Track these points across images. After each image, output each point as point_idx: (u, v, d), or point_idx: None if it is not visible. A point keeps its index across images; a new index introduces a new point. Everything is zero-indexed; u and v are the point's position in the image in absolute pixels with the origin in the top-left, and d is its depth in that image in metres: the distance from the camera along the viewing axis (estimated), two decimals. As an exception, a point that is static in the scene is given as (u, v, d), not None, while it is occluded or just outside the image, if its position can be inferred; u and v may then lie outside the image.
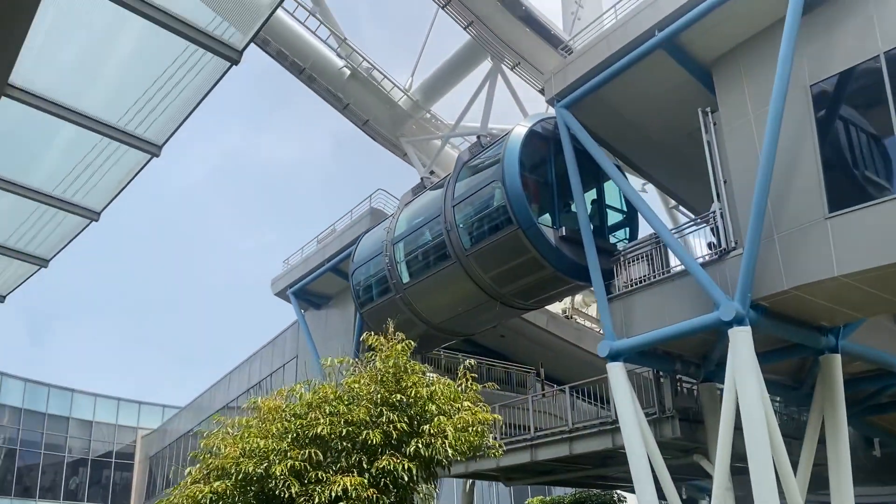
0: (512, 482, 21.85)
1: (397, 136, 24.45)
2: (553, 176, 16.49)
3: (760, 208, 12.02)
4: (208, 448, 9.45)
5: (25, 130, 7.68)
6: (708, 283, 12.67)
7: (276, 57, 22.84)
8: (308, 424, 8.70)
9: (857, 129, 11.93)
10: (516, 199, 15.41)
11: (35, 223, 9.01)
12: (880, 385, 17.11)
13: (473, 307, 18.03)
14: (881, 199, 11.00)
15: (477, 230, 16.60)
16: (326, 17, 23.11)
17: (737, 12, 13.09)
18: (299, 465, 8.27)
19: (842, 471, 13.48)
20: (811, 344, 13.60)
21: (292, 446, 8.57)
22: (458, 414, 9.11)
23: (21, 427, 42.82)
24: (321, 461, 8.52)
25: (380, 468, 8.35)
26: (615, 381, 14.16)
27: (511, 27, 20.59)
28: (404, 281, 18.95)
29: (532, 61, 20.97)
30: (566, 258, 15.66)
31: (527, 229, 15.43)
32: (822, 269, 11.49)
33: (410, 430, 8.81)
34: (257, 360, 32.72)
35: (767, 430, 11.80)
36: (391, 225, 19.84)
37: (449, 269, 17.45)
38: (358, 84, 23.56)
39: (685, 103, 14.60)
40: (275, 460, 8.35)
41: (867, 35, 11.67)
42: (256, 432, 8.95)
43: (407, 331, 19.86)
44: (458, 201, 17.15)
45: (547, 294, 17.72)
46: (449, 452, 8.75)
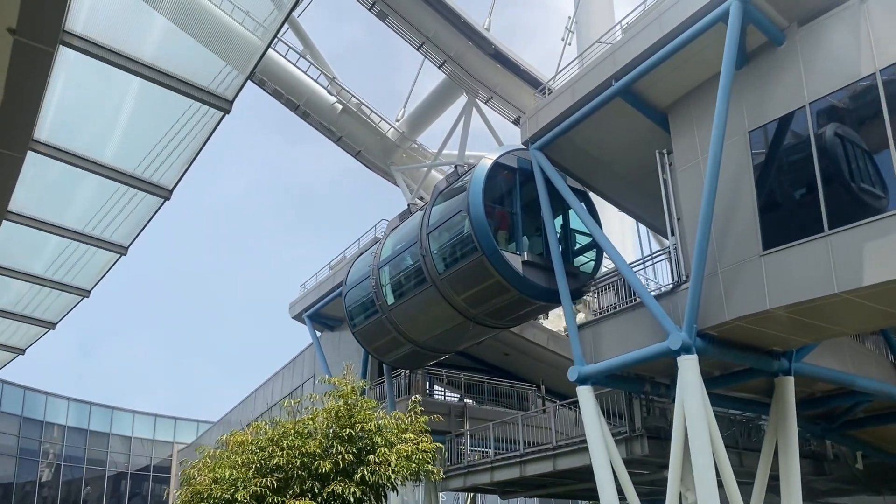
0: (508, 496, 23.04)
1: (388, 164, 26.16)
2: (518, 204, 17.71)
3: (703, 245, 13.15)
4: (188, 476, 11.05)
5: (54, 180, 8.50)
6: (660, 314, 13.83)
7: (272, 94, 24.72)
8: (268, 456, 10.22)
9: (790, 172, 13.01)
10: (480, 227, 16.71)
11: (77, 258, 10.25)
12: (852, 402, 17.93)
13: (451, 327, 19.34)
14: (807, 238, 12.05)
15: (450, 256, 17.91)
16: (316, 58, 24.88)
17: (684, 64, 14.25)
18: (261, 491, 9.77)
19: (791, 486, 14.41)
20: (764, 367, 14.62)
21: (255, 475, 10.09)
22: (398, 445, 10.48)
23: (65, 443, 45.37)
24: (280, 487, 10.00)
25: (329, 492, 9.79)
26: (583, 404, 15.37)
27: (483, 64, 22.22)
28: (389, 303, 20.32)
29: (504, 95, 22.62)
30: (529, 282, 16.92)
31: (490, 255, 16.72)
32: (756, 303, 12.59)
33: (358, 459, 10.24)
34: (279, 378, 34.53)
35: (712, 448, 12.91)
36: (378, 250, 21.33)
37: (426, 292, 18.78)
38: (349, 118, 25.36)
39: (647, 144, 15.79)
40: (240, 487, 9.88)
41: (796, 87, 12.76)
42: (226, 463, 10.49)
43: (395, 349, 21.39)
44: (431, 229, 18.52)
45: (516, 314, 18.87)
46: (392, 478, 10.13)
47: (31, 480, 43.33)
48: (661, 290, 14.68)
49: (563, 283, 16.27)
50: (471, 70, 22.40)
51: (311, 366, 30.12)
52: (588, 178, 17.75)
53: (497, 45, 22.45)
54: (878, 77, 11.55)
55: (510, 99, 22.76)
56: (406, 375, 23.52)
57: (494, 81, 22.58)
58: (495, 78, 22.54)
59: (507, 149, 18.39)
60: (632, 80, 14.77)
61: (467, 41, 21.88)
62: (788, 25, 13.12)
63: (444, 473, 22.31)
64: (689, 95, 14.85)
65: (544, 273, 17.01)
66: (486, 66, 22.34)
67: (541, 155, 16.96)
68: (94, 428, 47.23)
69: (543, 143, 16.93)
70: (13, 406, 42.77)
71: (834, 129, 12.29)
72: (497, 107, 23.42)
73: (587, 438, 15.28)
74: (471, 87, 23.02)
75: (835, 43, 12.35)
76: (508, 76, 22.56)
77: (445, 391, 25.89)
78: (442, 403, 23.88)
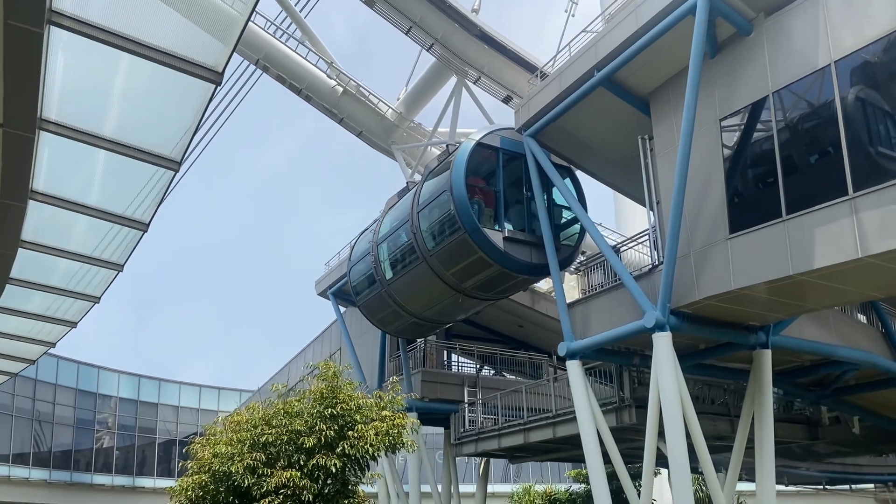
0: (516, 460, 24.37)
1: (389, 143, 27.26)
2: (500, 182, 18.64)
3: (675, 229, 13.94)
4: (194, 451, 12.58)
5: (68, 159, 8.77)
6: (637, 294, 14.74)
7: (276, 79, 26.00)
8: (260, 433, 11.61)
9: (755, 159, 13.66)
10: (462, 206, 17.72)
11: (103, 235, 10.76)
12: (840, 370, 18.59)
13: (443, 300, 20.49)
14: (766, 223, 12.78)
15: (438, 233, 18.92)
16: (315, 44, 25.95)
17: (661, 53, 14.86)
18: (253, 464, 11.18)
19: (765, 452, 15.29)
20: (741, 342, 15.42)
21: (249, 450, 11.50)
22: (373, 422, 11.79)
23: (118, 413, 48.40)
24: (270, 460, 11.41)
25: (314, 464, 11.15)
26: (572, 377, 16.44)
27: (469, 45, 23.07)
28: (388, 277, 21.50)
29: (492, 74, 23.51)
30: (511, 257, 17.96)
31: (471, 233, 17.76)
32: (723, 283, 13.40)
33: (339, 435, 11.56)
34: (310, 350, 36.33)
35: (683, 418, 13.90)
36: (377, 227, 22.53)
37: (419, 268, 19.89)
38: (349, 100, 26.48)
39: (633, 129, 16.51)
40: (236, 460, 11.31)
41: (762, 76, 13.35)
42: (224, 440, 11.94)
43: (396, 321, 22.66)
44: (421, 207, 19.56)
45: (502, 287, 19.83)
46: (370, 451, 11.45)
47: (88, 448, 46.47)
48: (642, 270, 15.55)
49: (554, 262, 17.23)
50: (458, 52, 23.25)
51: (338, 340, 31.70)
52: (579, 160, 18.57)
53: (482, 26, 23.21)
54: (832, 68, 12.10)
55: (498, 78, 23.67)
56: (421, 349, 24.82)
57: (482, 62, 23.41)
58: (483, 58, 23.35)
59: (490, 129, 19.29)
60: (612, 69, 15.45)
61: (453, 23, 22.67)
62: (756, 16, 13.65)
63: (458, 440, 23.75)
64: (668, 83, 15.48)
65: (526, 248, 18.09)
66: (473, 47, 23.17)
67: (532, 141, 17.80)
68: (144, 398, 50.14)
69: (535, 130, 17.74)
70: (69, 379, 45.73)
71: (795, 119, 12.91)
72: (486, 86, 24.31)
73: (575, 409, 16.37)
74: (459, 69, 23.95)
75: (796, 34, 12.87)
76: (495, 56, 23.38)
77: (459, 362, 27.11)
78: (455, 375, 25.15)
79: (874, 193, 11.09)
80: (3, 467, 40.70)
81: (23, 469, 41.85)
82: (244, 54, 25.45)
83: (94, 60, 7.28)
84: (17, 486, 41.37)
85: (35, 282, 12.45)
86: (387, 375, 26.15)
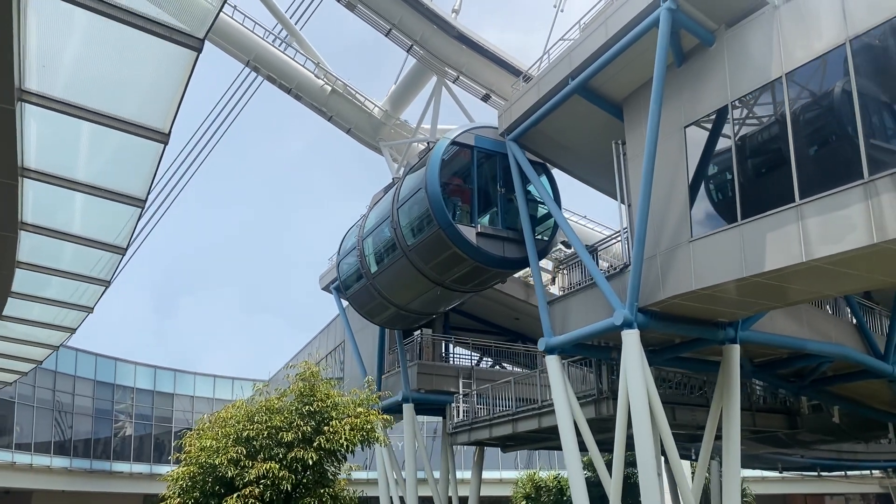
0: (508, 449, 25.28)
1: (377, 140, 28.19)
2: (474, 179, 19.39)
3: (641, 232, 14.66)
4: (183, 444, 13.63)
5: (55, 133, 8.45)
6: (608, 292, 15.50)
7: (267, 79, 27.05)
8: (241, 429, 12.60)
9: (714, 166, 14.33)
10: (435, 202, 18.47)
11: (100, 214, 10.20)
12: (815, 362, 19.26)
13: (425, 292, 21.29)
14: (723, 227, 13.48)
15: (416, 229, 19.67)
16: (303, 45, 26.94)
17: (632, 62, 15.48)
18: (236, 456, 12.18)
19: (731, 443, 16.02)
20: (709, 337, 16.12)
21: (232, 444, 12.50)
22: (347, 418, 12.74)
23: (134, 403, 49.99)
24: (252, 453, 12.40)
25: (293, 457, 12.13)
26: (551, 371, 17.26)
27: (448, 46, 23.92)
28: (372, 271, 22.32)
29: (470, 74, 24.40)
30: (483, 252, 18.74)
31: (445, 228, 18.52)
32: (685, 283, 14.12)
33: (317, 430, 12.52)
34: (316, 342, 37.47)
35: (650, 411, 14.69)
36: (363, 222, 23.35)
37: (400, 262, 20.66)
38: (337, 98, 27.42)
39: (607, 133, 17.20)
40: (220, 453, 12.31)
41: (722, 86, 13.99)
42: (210, 434, 12.95)
43: (382, 312, 23.60)
44: (401, 203, 20.34)
45: (477, 280, 20.61)
46: (344, 445, 12.40)
47: (107, 437, 48.09)
48: (615, 269, 16.29)
49: (535, 262, 18.03)
50: (437, 52, 24.04)
51: (342, 333, 32.73)
52: (559, 160, 19.35)
53: (459, 27, 24.03)
54: (783, 81, 12.73)
55: (476, 77, 24.54)
56: (418, 342, 25.74)
57: (461, 62, 24.21)
58: (461, 58, 24.16)
59: (465, 128, 20.06)
60: (586, 77, 16.13)
61: (432, 25, 23.47)
62: (717, 27, 14.27)
63: (453, 429, 24.70)
64: (639, 90, 16.11)
65: (498, 242, 18.91)
66: (452, 47, 23.98)
67: (514, 145, 18.55)
68: (161, 389, 51.68)
69: (517, 134, 18.50)
70: (87, 371, 47.30)
71: (751, 129, 13.56)
72: (465, 84, 25.15)
73: (554, 402, 17.21)
74: (438, 69, 24.79)
75: (752, 45, 13.49)
76: (473, 56, 24.21)
77: (458, 354, 28.00)
78: (451, 367, 26.06)
79: (818, 201, 11.75)
80: (26, 456, 42.35)
81: (45, 457, 43.50)
82: (235, 55, 26.45)
83: (66, 25, 7.02)
84: (39, 474, 43.06)
85: (45, 266, 12.11)
86: (386, 368, 27.15)
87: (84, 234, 10.96)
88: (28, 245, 10.93)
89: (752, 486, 48.03)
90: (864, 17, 11.57)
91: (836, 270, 12.06)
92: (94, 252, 11.47)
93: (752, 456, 30.14)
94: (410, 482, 24.66)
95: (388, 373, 26.71)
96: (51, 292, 14.08)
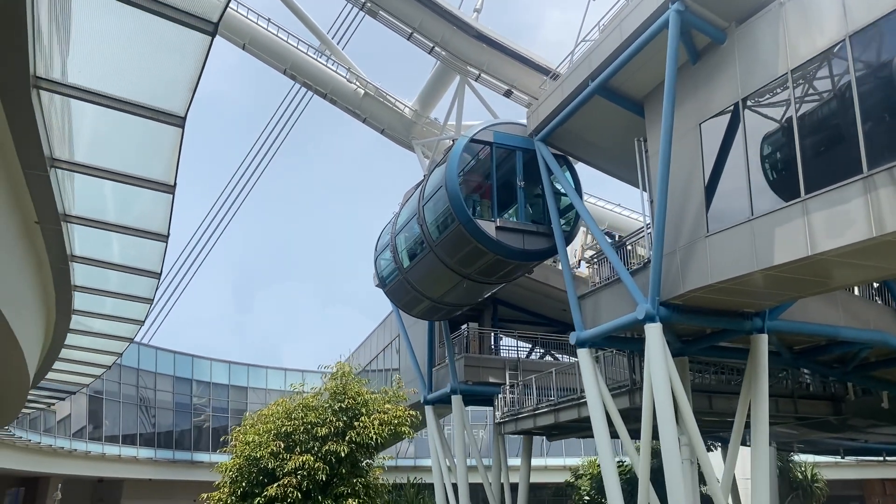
0: (553, 438, 25.93)
1: (410, 139, 29.18)
2: (493, 175, 20.04)
3: (660, 227, 15.11)
4: (231, 439, 15.00)
5: (78, 121, 8.46)
6: (631, 287, 16.00)
7: (303, 86, 28.53)
8: (280, 426, 13.84)
9: (728, 162, 14.60)
10: (454, 199, 19.26)
11: (134, 201, 10.08)
12: (855, 348, 19.14)
13: (453, 285, 22.06)
14: (736, 222, 13.80)
15: (441, 225, 20.45)
16: (334, 52, 28.23)
17: (649, 61, 15.86)
18: (276, 450, 13.41)
19: (759, 433, 16.23)
20: (736, 328, 16.40)
21: (272, 439, 13.75)
22: (376, 414, 13.79)
23: (211, 397, 52.93)
24: (290, 447, 13.61)
25: (326, 449, 13.27)
26: (582, 364, 17.88)
27: (468, 45, 24.66)
28: (405, 265, 23.21)
29: (491, 71, 25.07)
30: (503, 245, 19.40)
31: (465, 224, 19.28)
32: (702, 277, 14.51)
33: (348, 425, 13.63)
34: (375, 336, 38.91)
35: (673, 402, 15.16)
36: (394, 219, 24.25)
37: (429, 256, 21.48)
38: (370, 101, 28.70)
39: (631, 130, 17.62)
40: (262, 447, 13.59)
41: (733, 83, 14.26)
42: (253, 430, 14.25)
43: (417, 305, 24.59)
44: (426, 200, 21.18)
45: (501, 272, 21.27)
46: (374, 439, 13.47)
47: (187, 429, 51.16)
48: (640, 264, 16.76)
49: (566, 260, 18.64)
50: (458, 53, 24.73)
51: (397, 327, 34.01)
52: (587, 157, 19.92)
53: (478, 27, 24.70)
54: (789, 77, 12.96)
55: (497, 74, 25.15)
56: (465, 336, 26.67)
57: (481, 60, 24.84)
58: (482, 57, 24.78)
59: (484, 125, 20.81)
60: (605, 78, 16.62)
61: (451, 26, 24.18)
62: (728, 25, 14.52)
63: (501, 419, 25.56)
64: (658, 88, 16.34)
65: (518, 235, 19.59)
66: (472, 47, 24.66)
67: (542, 145, 19.18)
68: (235, 383, 54.50)
69: (545, 135, 19.12)
70: (167, 368, 50.43)
71: (761, 126, 13.80)
72: (487, 82, 25.78)
73: (586, 394, 17.83)
74: (461, 68, 25.54)
75: (760, 42, 13.72)
76: (494, 54, 24.81)
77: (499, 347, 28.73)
78: (498, 359, 26.88)
79: (821, 196, 12.01)
80: (115, 447, 45.64)
81: (132, 448, 46.77)
82: (273, 65, 28.09)
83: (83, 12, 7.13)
84: (127, 464, 46.36)
85: (97, 258, 11.89)
86: (437, 361, 28.19)
87: (123, 223, 10.72)
88: (77, 238, 10.76)
89: (824, 472, 47.09)
90: (863, 13, 11.73)
91: (843, 262, 12.29)
92: (138, 241, 11.17)
93: (810, 441, 29.81)
94: (461, 469, 25.69)
95: (438, 365, 27.75)
96: (111, 285, 13.93)
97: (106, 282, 13.73)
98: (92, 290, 13.74)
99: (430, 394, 26.95)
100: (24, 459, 38.93)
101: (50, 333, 15.72)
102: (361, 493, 13.58)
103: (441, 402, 26.52)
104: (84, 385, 21.96)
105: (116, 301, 15.17)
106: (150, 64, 7.97)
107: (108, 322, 16.85)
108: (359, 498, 13.48)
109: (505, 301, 29.28)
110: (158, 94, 7.94)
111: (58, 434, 42.02)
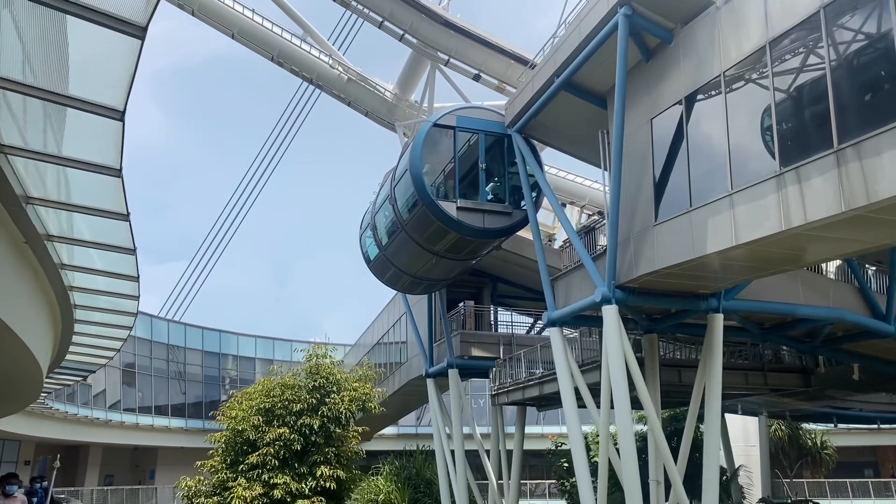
0: (543, 408, 27.33)
1: (393, 121, 30.53)
2: (455, 157, 21.40)
3: (614, 216, 16.22)
4: (219, 413, 16.80)
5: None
6: (592, 271, 17.21)
7: (290, 72, 30.20)
8: (260, 403, 15.52)
9: (672, 157, 15.62)
10: (418, 181, 20.62)
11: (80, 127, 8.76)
12: (819, 324, 20.10)
13: (426, 261, 23.49)
14: (678, 213, 14.89)
15: (409, 205, 21.82)
16: (316, 39, 29.74)
17: (608, 59, 16.85)
18: (256, 423, 15.10)
19: (712, 410, 17.43)
20: (693, 308, 17.52)
21: (253, 413, 15.44)
22: (345, 391, 15.37)
23: (238, 369, 55.58)
24: (269, 420, 15.29)
25: (301, 422, 14.92)
26: (553, 342, 19.20)
27: (436, 32, 26.06)
28: (384, 244, 24.64)
29: (459, 56, 26.55)
30: (463, 224, 20.79)
31: (427, 205, 20.65)
32: (651, 263, 15.66)
33: (321, 401, 15.24)
34: (385, 313, 40.62)
35: (627, 383, 16.43)
36: (374, 199, 25.64)
37: (401, 235, 22.92)
38: (353, 85, 30.27)
39: (599, 122, 18.65)
40: (244, 421, 15.30)
41: (677, 82, 15.23)
42: (236, 406, 15.96)
43: (398, 280, 26.12)
44: (396, 182, 22.55)
45: (467, 249, 22.70)
46: (344, 413, 15.07)
47: (215, 399, 53.90)
48: (601, 250, 17.92)
49: (539, 243, 19.85)
50: (427, 39, 26.04)
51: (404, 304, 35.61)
52: (563, 146, 21.00)
53: (445, 14, 25.92)
54: (721, 79, 13.90)
55: (465, 59, 26.59)
56: (461, 313, 28.10)
57: (449, 46, 26.13)
58: (449, 42, 26.08)
59: (447, 110, 22.04)
60: (568, 75, 17.64)
61: (420, 14, 25.48)
62: (675, 27, 15.44)
63: (495, 391, 27.07)
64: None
65: (478, 214, 20.97)
66: (440, 33, 26.01)
67: (518, 136, 20.33)
68: (261, 356, 57.03)
69: (520, 127, 20.25)
70: (195, 342, 53.05)
71: (698, 123, 14.78)
72: (456, 66, 27.02)
73: (556, 369, 19.17)
74: (430, 54, 26.75)
75: (700, 44, 14.64)
76: (461, 39, 26.21)
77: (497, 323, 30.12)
78: (492, 335, 28.30)
79: (745, 191, 13.05)
80: (148, 418, 48.54)
81: (164, 419, 49.66)
82: (261, 52, 29.67)
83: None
84: (160, 433, 49.27)
85: (56, 200, 10.52)
86: (436, 336, 29.73)
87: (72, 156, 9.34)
88: (26, 176, 9.48)
89: (838, 439, 47.89)
90: (782, 21, 12.61)
91: (769, 251, 13.37)
92: (94, 176, 9.52)
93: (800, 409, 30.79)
94: (457, 437, 27.32)
95: (438, 341, 29.28)
96: (85, 233, 12.46)
97: (76, 231, 12.41)
98: (69, 240, 12.41)
99: (431, 367, 28.54)
100: (66, 429, 41.90)
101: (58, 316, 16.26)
102: (333, 461, 15.28)
103: (441, 376, 28.09)
104: (101, 365, 23.59)
105: (101, 252, 13.36)
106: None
107: (100, 277, 14.81)
108: (330, 464, 15.21)
109: (504, 279, 30.59)
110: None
111: (95, 406, 44.92)
